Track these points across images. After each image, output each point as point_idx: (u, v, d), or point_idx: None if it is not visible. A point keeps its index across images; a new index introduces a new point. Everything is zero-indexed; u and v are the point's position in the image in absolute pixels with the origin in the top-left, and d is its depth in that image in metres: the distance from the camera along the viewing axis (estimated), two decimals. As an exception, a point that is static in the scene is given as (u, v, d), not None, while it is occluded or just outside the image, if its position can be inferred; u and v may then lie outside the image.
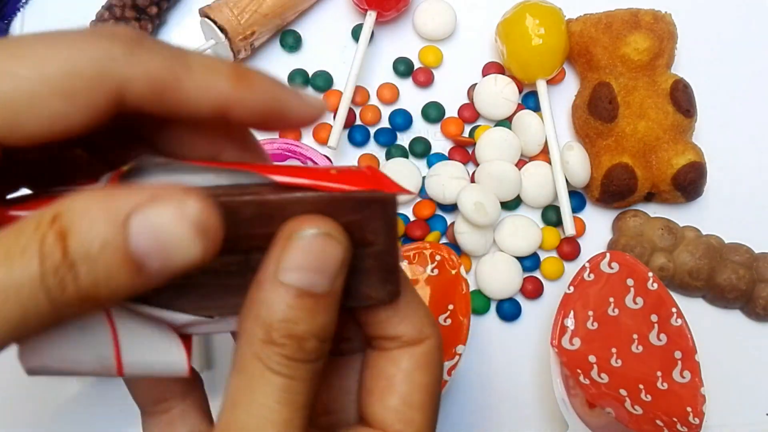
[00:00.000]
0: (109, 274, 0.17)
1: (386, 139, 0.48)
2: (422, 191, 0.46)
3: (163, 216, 0.17)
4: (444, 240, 0.46)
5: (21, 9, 0.49)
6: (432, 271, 0.41)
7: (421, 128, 0.48)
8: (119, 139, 0.22)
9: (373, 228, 0.21)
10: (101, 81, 0.18)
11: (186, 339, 0.21)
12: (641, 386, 0.41)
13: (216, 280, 0.20)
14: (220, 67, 0.20)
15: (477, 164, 0.47)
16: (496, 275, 0.45)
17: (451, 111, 0.49)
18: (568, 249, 0.47)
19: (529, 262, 0.46)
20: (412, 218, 0.46)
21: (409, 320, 0.22)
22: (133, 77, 0.18)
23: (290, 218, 0.19)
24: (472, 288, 0.45)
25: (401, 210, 0.47)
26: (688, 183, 0.46)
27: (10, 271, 0.16)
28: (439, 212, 0.47)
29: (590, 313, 0.42)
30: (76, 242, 0.16)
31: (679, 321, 0.42)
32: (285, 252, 0.19)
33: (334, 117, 0.45)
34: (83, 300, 0.17)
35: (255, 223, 0.19)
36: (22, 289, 0.16)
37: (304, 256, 0.19)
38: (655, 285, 0.43)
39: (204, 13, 0.46)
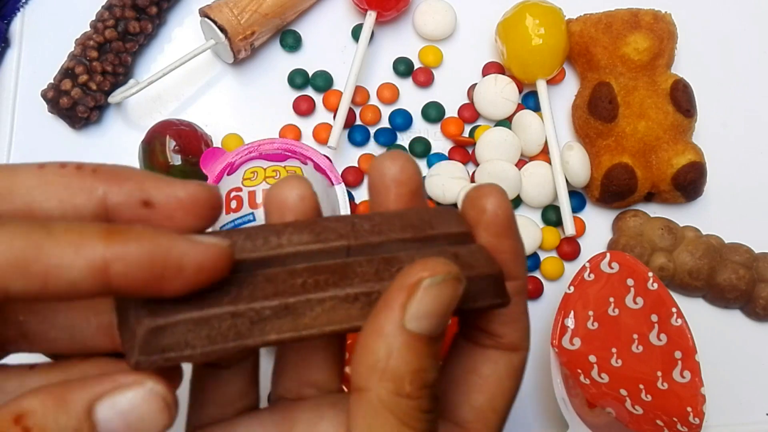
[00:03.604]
0: None
1: (386, 139, 0.48)
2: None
3: (129, 400, 0.17)
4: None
5: (21, 9, 0.49)
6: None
7: (421, 128, 0.48)
8: None
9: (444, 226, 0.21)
10: None
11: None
12: (641, 386, 0.41)
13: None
14: (87, 227, 0.17)
15: (477, 164, 0.47)
16: (496, 275, 0.45)
17: (451, 111, 0.49)
18: (568, 249, 0.47)
19: (529, 262, 0.46)
20: (412, 218, 0.46)
21: (515, 324, 0.22)
22: None
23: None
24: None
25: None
26: (688, 183, 0.46)
27: None
28: (439, 212, 0.46)
29: (590, 313, 0.42)
30: None
31: (679, 321, 0.42)
32: (412, 300, 0.18)
33: (334, 117, 0.45)
34: None
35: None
36: None
37: (434, 302, 0.18)
38: (655, 285, 0.43)
39: (204, 13, 0.46)
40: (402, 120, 0.48)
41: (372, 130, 0.48)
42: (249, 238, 0.20)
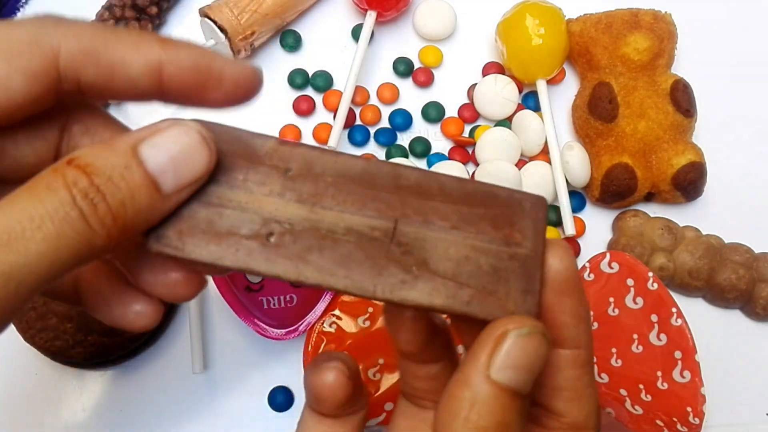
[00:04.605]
0: (132, 194, 0.18)
1: (386, 139, 0.48)
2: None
3: (170, 137, 0.19)
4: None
5: (21, 9, 0.49)
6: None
7: (421, 128, 0.49)
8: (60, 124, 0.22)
9: (521, 227, 0.20)
10: (37, 43, 0.19)
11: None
12: (641, 386, 0.41)
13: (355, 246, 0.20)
14: (146, 33, 0.21)
15: (477, 164, 0.47)
16: (496, 275, 0.45)
17: (451, 111, 0.49)
18: (568, 249, 0.46)
19: (529, 262, 0.46)
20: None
21: (579, 401, 0.21)
22: (65, 39, 0.19)
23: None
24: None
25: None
26: (688, 183, 0.46)
27: (41, 203, 0.17)
28: (439, 212, 0.46)
29: (590, 313, 0.42)
30: (97, 171, 0.18)
31: (679, 321, 0.42)
32: (499, 349, 0.19)
33: (334, 117, 0.45)
34: (114, 221, 0.18)
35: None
36: (55, 215, 0.17)
37: (520, 354, 0.18)
38: (655, 285, 0.43)
39: (204, 13, 0.46)
40: (402, 120, 0.48)
41: (372, 130, 0.48)
42: (291, 185, 0.20)
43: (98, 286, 0.23)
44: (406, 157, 0.47)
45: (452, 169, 0.45)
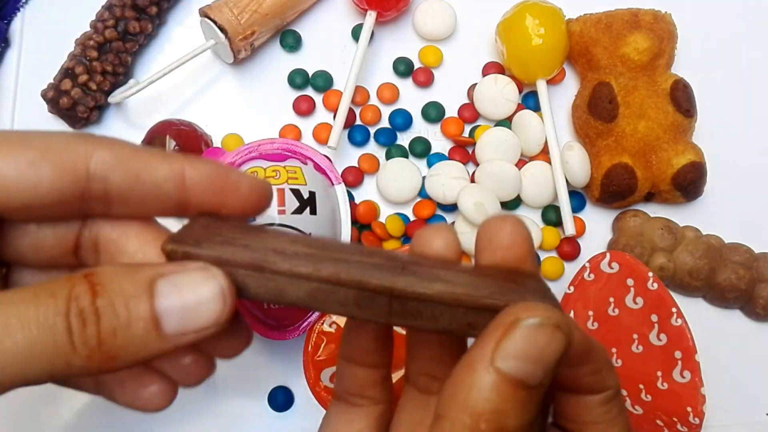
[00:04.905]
0: (129, 324, 0.18)
1: (386, 139, 0.48)
2: (422, 191, 0.46)
3: (190, 281, 0.19)
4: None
5: (21, 9, 0.49)
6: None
7: (421, 128, 0.48)
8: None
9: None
10: (70, 143, 0.20)
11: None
12: (641, 386, 0.41)
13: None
14: (172, 152, 0.22)
15: (477, 164, 0.47)
16: (496, 275, 0.45)
17: (451, 111, 0.49)
18: (568, 249, 0.47)
19: (529, 262, 0.46)
20: (412, 218, 0.46)
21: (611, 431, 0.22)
22: (98, 146, 0.21)
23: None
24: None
25: (401, 210, 0.47)
26: (688, 183, 0.46)
27: (36, 306, 0.17)
28: (439, 212, 0.47)
29: (590, 313, 0.42)
30: (104, 292, 0.18)
31: (679, 321, 0.42)
32: (506, 338, 0.18)
33: (334, 117, 0.45)
34: (100, 345, 0.18)
35: None
36: (43, 322, 0.17)
37: (527, 345, 0.18)
38: (655, 285, 0.43)
39: (204, 13, 0.46)
40: (402, 120, 0.48)
41: (372, 130, 0.48)
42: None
43: None
44: (406, 157, 0.47)
45: (452, 169, 0.45)
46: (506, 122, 0.48)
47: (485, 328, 0.19)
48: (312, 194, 0.40)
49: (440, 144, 0.48)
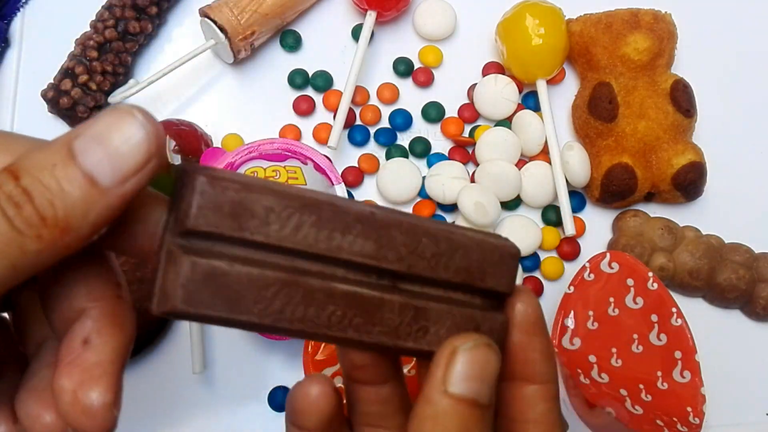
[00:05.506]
0: (62, 191, 0.17)
1: (386, 139, 0.48)
2: (422, 191, 0.46)
3: (103, 125, 0.18)
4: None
5: (21, 9, 0.49)
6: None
7: (421, 128, 0.48)
8: None
9: (494, 273, 0.22)
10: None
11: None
12: (641, 386, 0.41)
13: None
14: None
15: (477, 164, 0.47)
16: (496, 275, 0.45)
17: (451, 111, 0.49)
18: (568, 249, 0.47)
19: (529, 262, 0.46)
20: (412, 218, 0.46)
21: None
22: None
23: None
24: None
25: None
26: (688, 183, 0.46)
27: None
28: (439, 212, 0.47)
29: (590, 313, 0.42)
30: (26, 172, 0.17)
31: (679, 321, 0.42)
32: (451, 365, 0.20)
33: (334, 117, 0.45)
34: (43, 221, 0.17)
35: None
36: None
37: (470, 366, 0.20)
38: (655, 285, 0.43)
39: (204, 13, 0.46)
40: (402, 120, 0.48)
41: (372, 130, 0.48)
42: (316, 227, 0.20)
43: None
44: (406, 157, 0.47)
45: (452, 169, 0.45)
46: (506, 122, 0.48)
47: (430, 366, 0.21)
48: (312, 194, 0.40)
49: (440, 144, 0.48)
